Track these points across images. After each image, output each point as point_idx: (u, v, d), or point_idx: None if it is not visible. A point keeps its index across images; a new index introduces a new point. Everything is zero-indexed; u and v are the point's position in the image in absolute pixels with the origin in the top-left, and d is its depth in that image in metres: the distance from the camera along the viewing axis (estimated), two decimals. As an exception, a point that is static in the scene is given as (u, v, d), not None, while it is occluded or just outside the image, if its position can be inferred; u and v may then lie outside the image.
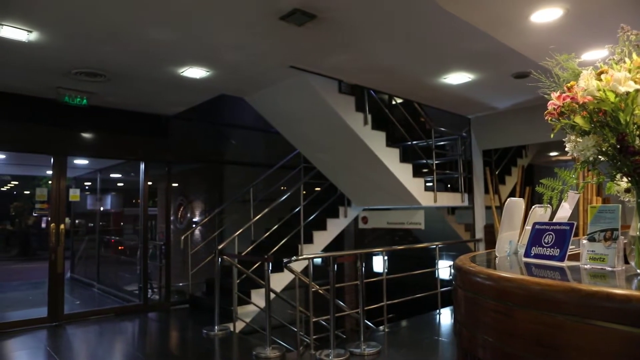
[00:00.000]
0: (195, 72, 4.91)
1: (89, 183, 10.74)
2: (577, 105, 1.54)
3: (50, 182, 6.33)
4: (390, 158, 5.95)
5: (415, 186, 6.25)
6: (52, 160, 6.23)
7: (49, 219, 6.23)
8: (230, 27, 3.81)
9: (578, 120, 1.55)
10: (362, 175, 6.42)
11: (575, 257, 1.77)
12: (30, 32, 3.87)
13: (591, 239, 1.65)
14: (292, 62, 4.67)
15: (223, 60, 4.60)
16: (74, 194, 6.93)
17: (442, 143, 7.91)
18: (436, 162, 6.81)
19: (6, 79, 5.24)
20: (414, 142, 6.73)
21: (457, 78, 5.13)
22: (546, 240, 1.85)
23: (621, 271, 1.55)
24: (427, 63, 4.74)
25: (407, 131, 6.57)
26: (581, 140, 1.59)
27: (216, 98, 6.02)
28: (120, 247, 10.62)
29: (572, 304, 1.28)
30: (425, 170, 6.90)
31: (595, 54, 4.17)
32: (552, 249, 1.81)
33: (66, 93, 5.58)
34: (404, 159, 6.19)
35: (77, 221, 11.48)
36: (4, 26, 3.73)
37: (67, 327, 5.91)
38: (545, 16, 3.59)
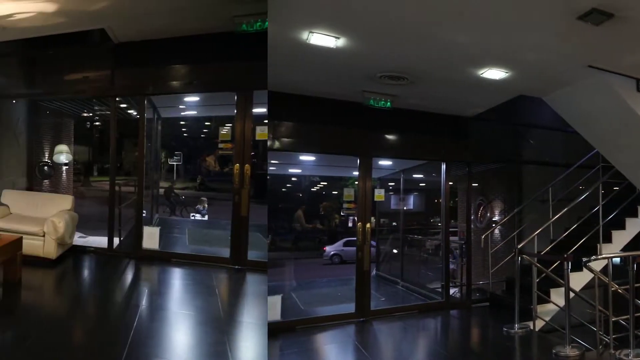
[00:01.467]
0: (494, 74, 5.38)
1: (392, 183, 11.79)
2: None
3: (356, 182, 7.07)
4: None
5: None
6: (358, 161, 6.91)
7: (355, 218, 6.92)
8: (529, 27, 4.22)
9: None
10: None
11: None
12: (338, 38, 4.40)
13: None
14: (590, 61, 5.06)
15: (522, 61, 5.06)
16: (379, 194, 7.81)
17: None
18: None
19: (315, 84, 6.01)
20: None
21: None
22: None
23: None
24: None
25: None
26: None
27: (513, 98, 6.51)
28: (423, 246, 11.70)
29: None
30: None
31: None
32: None
33: (371, 96, 6.19)
34: None
35: (381, 220, 12.38)
36: (314, 33, 4.29)
37: (373, 322, 6.54)
38: None
